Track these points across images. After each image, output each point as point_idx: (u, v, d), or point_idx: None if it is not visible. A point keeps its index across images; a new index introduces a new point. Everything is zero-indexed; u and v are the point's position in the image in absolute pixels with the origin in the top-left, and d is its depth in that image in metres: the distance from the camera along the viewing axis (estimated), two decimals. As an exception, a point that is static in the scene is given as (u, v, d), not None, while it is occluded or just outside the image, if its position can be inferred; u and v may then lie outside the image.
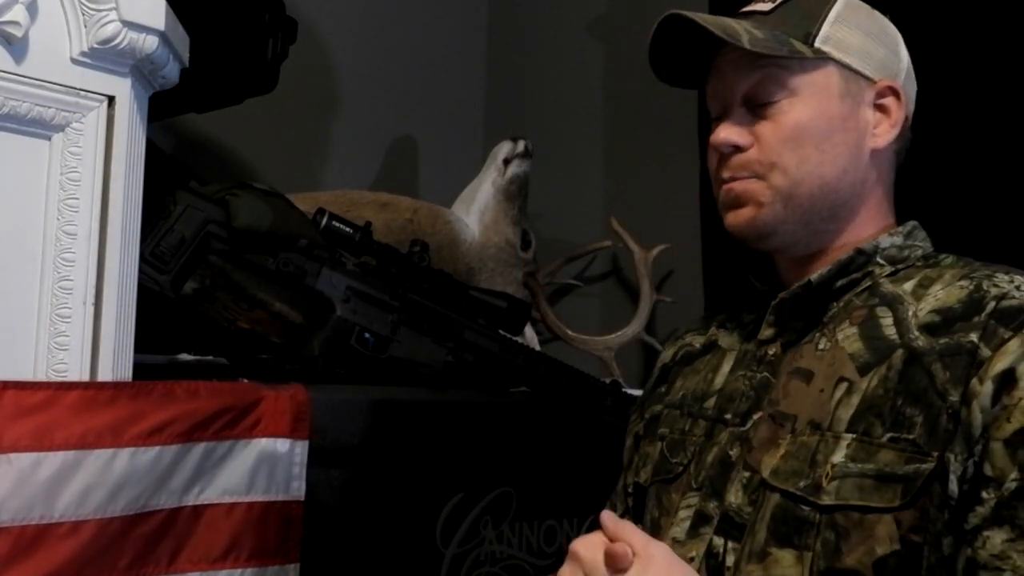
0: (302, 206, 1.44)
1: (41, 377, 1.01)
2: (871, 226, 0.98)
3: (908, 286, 0.93)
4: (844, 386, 0.89)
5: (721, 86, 0.99)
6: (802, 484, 0.87)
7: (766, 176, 0.96)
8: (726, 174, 0.98)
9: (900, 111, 0.98)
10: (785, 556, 0.87)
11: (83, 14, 1.02)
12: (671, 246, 1.87)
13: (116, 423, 1.03)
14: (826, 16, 0.97)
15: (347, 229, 1.37)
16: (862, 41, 0.97)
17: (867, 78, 0.97)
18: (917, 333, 0.88)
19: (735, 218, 0.98)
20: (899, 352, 0.88)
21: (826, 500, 0.85)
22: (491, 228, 1.86)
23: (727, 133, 0.97)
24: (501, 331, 1.47)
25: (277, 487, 1.17)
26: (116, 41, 1.03)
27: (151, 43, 1.05)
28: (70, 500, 0.99)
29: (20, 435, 0.96)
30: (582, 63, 2.14)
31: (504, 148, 1.90)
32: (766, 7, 0.98)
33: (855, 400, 0.88)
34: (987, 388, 0.81)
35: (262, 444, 1.16)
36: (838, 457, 0.86)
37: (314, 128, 1.99)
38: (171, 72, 1.12)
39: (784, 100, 0.95)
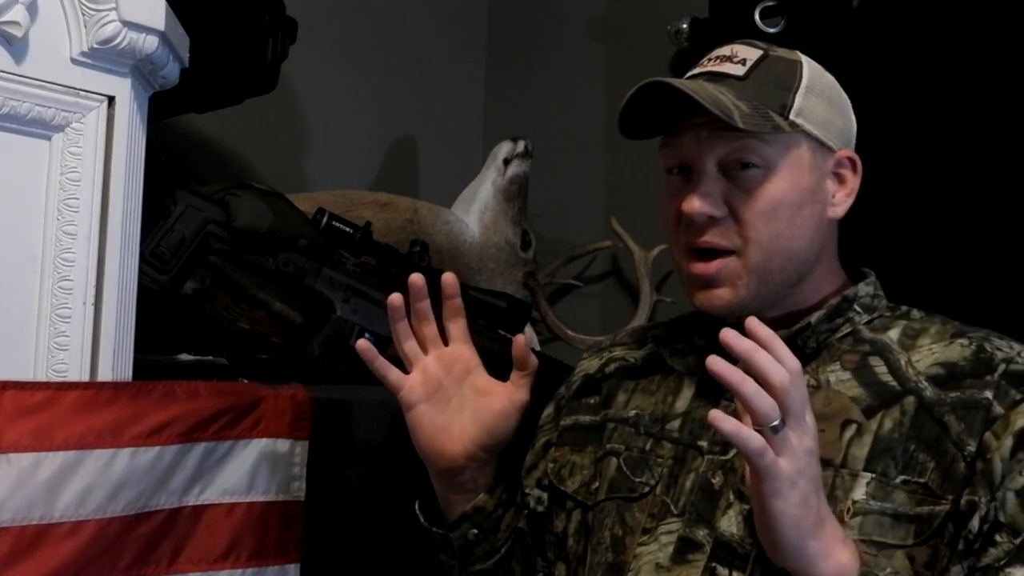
0: (302, 206, 1.44)
1: (41, 377, 1.01)
2: (828, 284, 1.02)
3: (893, 335, 0.98)
4: (853, 427, 0.93)
5: (692, 146, 0.97)
6: None
7: (742, 251, 0.96)
8: (699, 241, 0.97)
9: (856, 180, 1.00)
10: None
11: (83, 14, 1.02)
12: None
13: (116, 423, 1.03)
14: (798, 86, 0.97)
15: (347, 229, 1.37)
16: (826, 111, 0.98)
17: (829, 148, 0.99)
18: (925, 383, 0.93)
19: (711, 299, 0.98)
20: (910, 399, 0.93)
21: (848, 535, 0.88)
22: (491, 228, 1.86)
23: (704, 204, 0.95)
24: (501, 331, 1.47)
25: (277, 487, 1.17)
26: (116, 41, 1.03)
27: (151, 43, 1.05)
28: (70, 500, 0.99)
29: (20, 435, 0.96)
30: (582, 63, 2.14)
31: (504, 148, 1.90)
32: (739, 71, 0.97)
33: (867, 440, 0.92)
34: (1006, 443, 0.88)
35: (262, 444, 1.16)
36: (859, 494, 0.90)
37: (314, 128, 1.98)
38: (171, 72, 1.12)
39: (760, 170, 0.95)
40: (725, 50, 1.00)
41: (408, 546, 1.35)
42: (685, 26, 1.81)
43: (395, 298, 1.06)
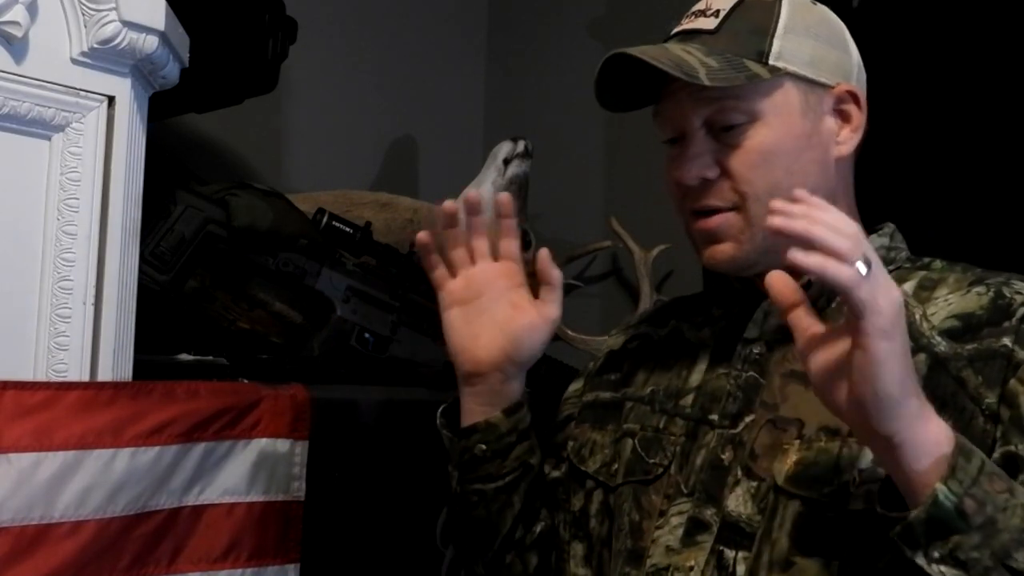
0: (302, 206, 1.44)
1: (41, 377, 1.01)
2: None
3: (908, 287, 0.93)
4: None
5: (677, 113, 0.95)
6: (827, 491, 0.86)
7: (741, 207, 0.93)
8: (697, 205, 0.95)
9: (860, 115, 0.96)
10: (811, 565, 0.86)
11: (83, 14, 1.02)
12: (671, 246, 1.87)
13: (116, 423, 1.03)
14: (775, 28, 0.93)
15: (347, 229, 1.37)
16: (814, 48, 0.94)
17: (824, 85, 0.95)
18: (939, 339, 0.88)
19: (715, 254, 0.95)
20: (922, 356, 0.88)
21: (856, 505, 0.85)
22: (491, 228, 1.86)
23: (693, 167, 0.93)
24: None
25: (277, 487, 1.17)
26: (116, 41, 1.02)
27: (151, 43, 1.05)
28: (70, 500, 0.99)
29: (20, 435, 0.96)
30: (582, 63, 2.13)
31: (504, 148, 1.90)
32: (711, 24, 0.94)
33: None
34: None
35: (262, 444, 1.16)
36: (865, 462, 0.85)
37: (314, 128, 1.98)
38: (171, 72, 1.12)
39: (747, 124, 0.92)
40: (701, 3, 0.97)
41: (408, 546, 1.35)
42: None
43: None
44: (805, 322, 0.79)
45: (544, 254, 1.06)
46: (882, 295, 0.73)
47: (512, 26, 2.31)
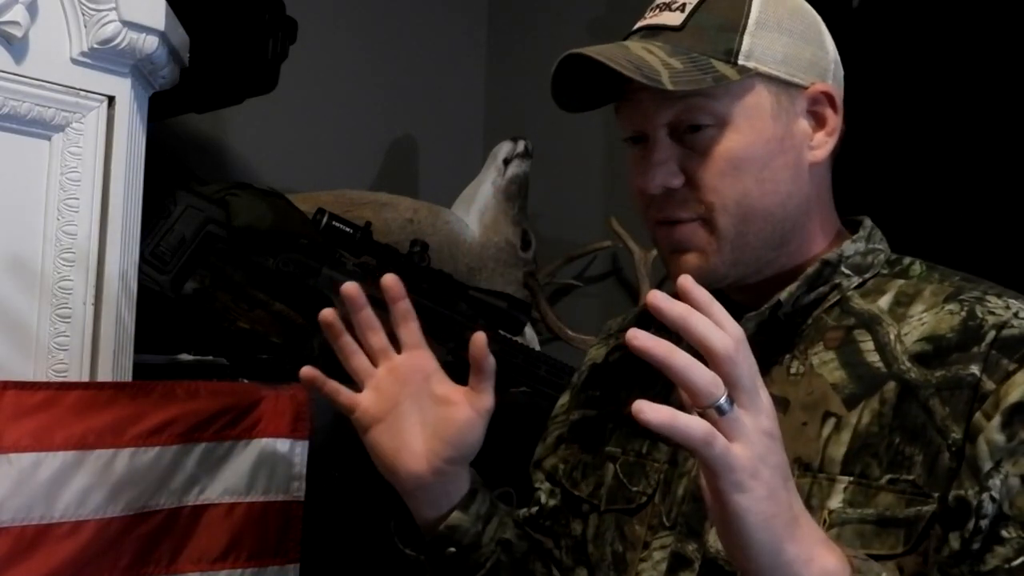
0: (302, 206, 1.44)
1: (41, 377, 1.01)
2: (822, 239, 0.91)
3: (884, 303, 0.87)
4: (832, 422, 0.83)
5: (637, 115, 0.88)
6: None
7: (708, 217, 0.86)
8: (661, 215, 0.88)
9: (836, 118, 0.89)
10: None
11: (83, 14, 1.02)
12: (671, 246, 1.87)
13: (116, 423, 1.03)
14: (746, 23, 0.85)
15: (347, 229, 1.37)
16: (787, 45, 0.86)
17: (798, 86, 0.87)
18: (909, 364, 0.82)
19: (681, 265, 0.88)
20: (891, 385, 0.82)
21: None
22: (491, 228, 1.86)
23: (657, 175, 0.86)
24: (501, 331, 1.47)
25: (277, 487, 1.17)
26: (116, 41, 1.03)
27: (151, 43, 1.05)
28: (70, 500, 0.99)
29: (20, 435, 0.96)
30: (582, 63, 2.14)
31: (504, 148, 1.90)
32: (676, 20, 0.86)
33: (846, 437, 0.82)
34: (996, 422, 0.76)
35: (262, 444, 1.16)
36: (835, 503, 0.80)
37: (314, 128, 1.98)
38: (171, 72, 1.12)
39: (714, 128, 0.85)
40: None
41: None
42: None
43: (327, 313, 0.96)
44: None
45: (479, 339, 0.92)
46: (742, 441, 0.66)
47: (512, 26, 2.32)
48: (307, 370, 0.96)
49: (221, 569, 1.12)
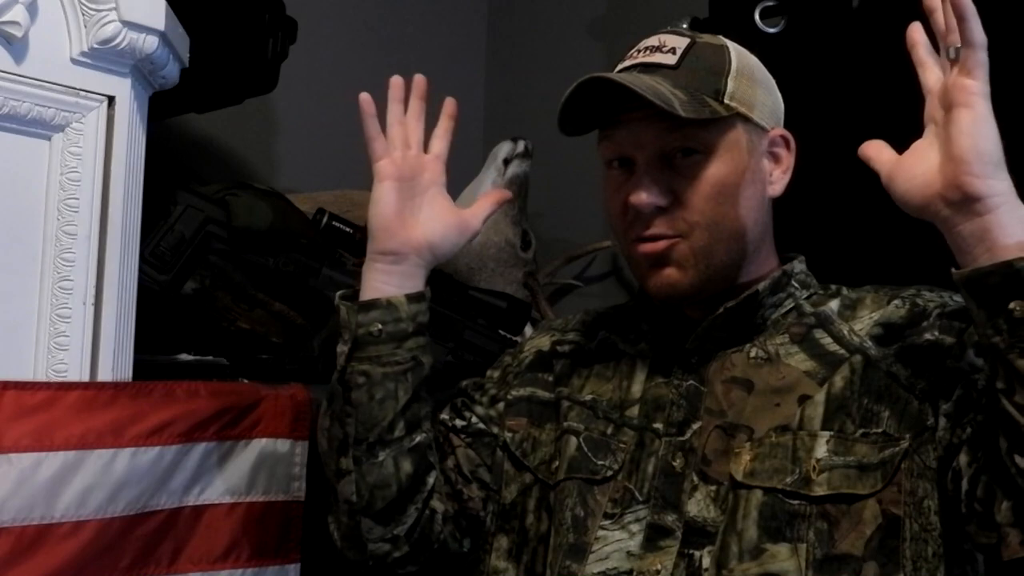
0: (302, 206, 1.44)
1: (41, 377, 1.01)
2: (769, 263, 1.04)
3: (833, 306, 1.02)
4: (809, 402, 0.96)
5: (630, 140, 0.98)
6: (789, 480, 0.92)
7: (688, 235, 0.97)
8: (645, 232, 0.98)
9: (790, 157, 1.03)
10: (780, 550, 0.91)
11: (83, 14, 1.02)
12: (671, 246, 1.87)
13: (116, 423, 1.03)
14: (729, 69, 0.99)
15: (347, 229, 1.37)
16: (756, 92, 1.00)
17: (763, 128, 1.01)
18: (869, 343, 0.97)
19: (660, 279, 0.99)
20: (857, 357, 0.97)
21: (819, 491, 0.91)
22: (491, 228, 1.86)
23: (649, 195, 0.96)
24: (501, 331, 1.47)
25: (277, 487, 1.17)
26: (116, 41, 1.03)
27: (151, 43, 1.05)
28: (70, 500, 0.99)
29: (20, 435, 0.96)
30: (582, 63, 2.14)
31: (504, 148, 1.90)
32: (671, 60, 0.98)
33: (820, 399, 0.95)
34: (970, 353, 0.92)
35: (262, 444, 1.16)
36: (820, 452, 0.93)
37: (314, 128, 1.98)
38: (171, 72, 1.13)
39: (702, 157, 0.97)
40: (653, 40, 1.01)
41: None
42: (685, 26, 1.80)
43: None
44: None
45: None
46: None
47: (512, 26, 2.31)
48: (365, 96, 1.10)
49: (221, 569, 1.12)
